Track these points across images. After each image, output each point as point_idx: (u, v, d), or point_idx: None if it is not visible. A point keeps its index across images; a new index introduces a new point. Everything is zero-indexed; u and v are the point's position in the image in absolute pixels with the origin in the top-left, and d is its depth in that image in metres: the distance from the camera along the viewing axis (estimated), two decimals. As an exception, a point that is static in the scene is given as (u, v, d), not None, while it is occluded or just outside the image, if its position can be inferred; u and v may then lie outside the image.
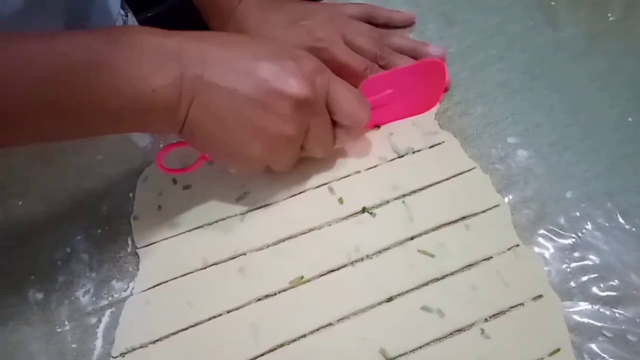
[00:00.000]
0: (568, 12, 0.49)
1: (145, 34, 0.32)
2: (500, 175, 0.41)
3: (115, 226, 0.40)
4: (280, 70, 0.33)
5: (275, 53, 0.34)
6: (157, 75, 0.31)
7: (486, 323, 0.34)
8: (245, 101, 0.33)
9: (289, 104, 0.33)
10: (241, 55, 0.33)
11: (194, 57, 0.32)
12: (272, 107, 0.33)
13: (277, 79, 0.33)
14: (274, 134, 0.34)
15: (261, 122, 0.33)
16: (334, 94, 0.36)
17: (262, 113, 0.33)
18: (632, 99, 0.44)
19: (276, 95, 0.33)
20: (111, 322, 0.36)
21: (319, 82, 0.35)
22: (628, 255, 0.37)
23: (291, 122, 0.34)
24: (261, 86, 0.33)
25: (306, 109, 0.34)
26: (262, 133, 0.34)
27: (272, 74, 0.33)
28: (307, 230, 0.38)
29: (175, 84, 0.31)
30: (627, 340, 0.34)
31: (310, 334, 0.35)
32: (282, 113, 0.33)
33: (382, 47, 0.45)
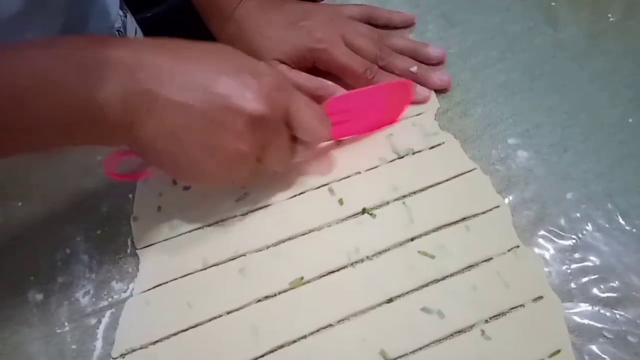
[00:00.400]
0: (568, 12, 0.49)
1: (97, 46, 0.30)
2: (500, 176, 0.41)
3: (115, 227, 0.40)
4: (237, 86, 0.32)
5: (234, 68, 0.33)
6: (105, 89, 0.30)
7: (486, 324, 0.34)
8: (199, 117, 0.31)
9: (245, 121, 0.32)
10: (198, 68, 0.32)
11: (147, 69, 0.31)
12: (227, 124, 0.32)
13: (233, 95, 0.32)
14: (229, 151, 0.33)
15: (216, 139, 0.32)
16: (294, 111, 0.35)
17: (217, 129, 0.32)
18: (633, 99, 0.44)
19: (232, 112, 0.32)
20: (111, 323, 0.36)
21: (279, 98, 0.34)
22: (628, 257, 0.37)
23: (247, 139, 0.33)
24: (216, 102, 0.31)
25: (263, 126, 0.33)
26: (216, 149, 0.33)
27: (229, 89, 0.32)
28: (307, 231, 0.38)
29: (124, 98, 0.30)
30: (628, 341, 0.34)
31: (311, 335, 0.35)
32: (238, 130, 0.32)
33: (382, 47, 0.44)
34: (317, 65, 0.44)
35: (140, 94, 0.30)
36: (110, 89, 0.30)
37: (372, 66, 0.43)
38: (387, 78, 0.44)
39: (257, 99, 0.32)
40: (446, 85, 0.45)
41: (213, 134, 0.32)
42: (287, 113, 0.35)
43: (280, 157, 0.36)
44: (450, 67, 0.46)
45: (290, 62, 0.43)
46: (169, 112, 0.31)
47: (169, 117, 0.31)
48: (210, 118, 0.32)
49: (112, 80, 0.30)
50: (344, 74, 0.44)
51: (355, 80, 0.44)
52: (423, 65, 0.45)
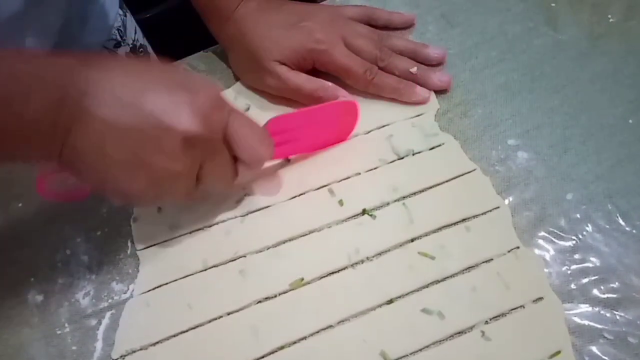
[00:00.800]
0: (568, 13, 0.49)
1: (30, 61, 0.30)
2: (500, 177, 0.41)
3: (115, 228, 0.40)
4: (171, 104, 0.31)
5: (169, 85, 0.32)
6: (35, 105, 0.29)
7: (487, 325, 0.34)
8: (129, 134, 0.30)
9: (178, 140, 0.31)
10: (131, 84, 0.31)
11: (77, 84, 0.29)
12: (159, 142, 0.31)
13: (165, 113, 0.30)
14: (160, 170, 0.32)
15: (146, 158, 0.31)
16: (232, 130, 0.34)
17: (148, 148, 0.31)
18: (633, 100, 0.44)
19: (163, 130, 0.30)
20: (111, 324, 0.36)
21: (216, 117, 0.33)
22: (629, 258, 0.37)
23: (180, 159, 0.32)
24: (148, 120, 0.30)
25: (198, 145, 0.32)
26: (146, 168, 0.31)
27: (161, 107, 0.30)
28: (307, 232, 0.38)
29: (54, 113, 0.29)
30: (628, 342, 0.34)
31: (311, 336, 0.35)
32: (170, 149, 0.31)
33: (381, 48, 0.44)
34: (316, 66, 0.44)
35: (67, 109, 0.29)
36: (40, 105, 0.29)
37: (372, 67, 0.43)
38: (387, 79, 0.44)
39: (190, 117, 0.31)
40: (446, 86, 0.45)
41: (143, 152, 0.31)
42: (225, 131, 0.34)
43: (221, 177, 0.35)
44: (450, 67, 0.46)
45: (289, 63, 0.43)
46: (97, 129, 0.30)
47: (97, 133, 0.30)
48: (141, 136, 0.30)
49: (42, 95, 0.29)
50: (344, 75, 0.44)
51: (355, 81, 0.43)
52: (423, 66, 0.45)
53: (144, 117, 0.30)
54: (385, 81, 0.44)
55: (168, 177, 0.32)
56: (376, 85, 0.43)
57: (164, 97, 0.31)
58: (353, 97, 0.43)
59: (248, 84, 0.46)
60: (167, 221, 0.39)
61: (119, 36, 0.54)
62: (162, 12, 0.77)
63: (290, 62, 0.43)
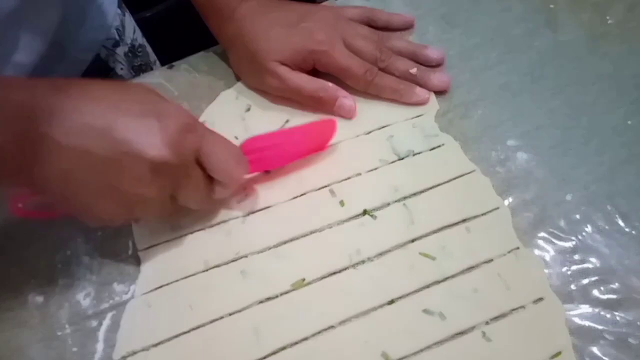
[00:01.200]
0: (568, 14, 0.49)
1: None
2: (500, 177, 0.41)
3: (115, 228, 0.39)
4: (140, 131, 0.30)
5: (137, 110, 0.31)
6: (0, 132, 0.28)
7: (487, 326, 0.35)
8: (97, 162, 0.30)
9: (147, 167, 0.31)
10: (97, 110, 0.30)
11: (44, 112, 0.29)
12: (129, 169, 0.31)
13: (135, 141, 0.30)
14: (131, 196, 0.32)
15: (116, 185, 0.31)
16: (206, 151, 0.34)
17: (118, 175, 0.31)
18: (633, 101, 0.44)
19: (133, 158, 0.30)
20: (112, 325, 0.36)
21: (186, 142, 0.32)
22: (629, 259, 0.37)
23: (150, 185, 0.31)
24: (116, 147, 0.30)
25: (169, 171, 0.32)
26: (117, 194, 0.31)
27: (130, 134, 0.30)
28: (308, 232, 0.38)
29: (19, 140, 0.29)
30: (628, 343, 0.34)
31: (312, 337, 0.35)
32: (140, 176, 0.31)
33: (382, 49, 0.44)
34: (317, 66, 0.44)
35: (35, 138, 0.29)
36: (4, 132, 0.29)
37: (372, 68, 0.43)
38: (387, 80, 0.44)
39: (159, 144, 0.31)
40: (446, 87, 0.45)
41: (113, 179, 0.31)
42: (198, 153, 0.34)
43: (196, 197, 0.36)
44: (451, 69, 0.46)
45: (290, 63, 0.43)
46: (64, 156, 0.30)
47: (64, 161, 0.30)
48: (110, 163, 0.30)
49: (6, 123, 0.29)
50: (344, 75, 0.44)
51: (355, 82, 0.44)
52: (422, 67, 0.45)
53: (113, 145, 0.30)
54: (385, 82, 0.44)
55: (139, 201, 0.32)
56: (376, 86, 0.44)
57: (134, 124, 0.31)
58: (353, 97, 0.43)
59: (248, 84, 0.46)
60: (168, 221, 0.39)
61: (117, 35, 0.54)
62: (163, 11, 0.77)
63: (291, 63, 0.43)
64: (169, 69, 0.48)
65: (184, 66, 0.48)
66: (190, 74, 0.47)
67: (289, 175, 0.41)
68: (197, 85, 0.46)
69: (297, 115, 0.44)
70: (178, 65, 0.48)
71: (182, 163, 0.33)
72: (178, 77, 0.47)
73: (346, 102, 0.43)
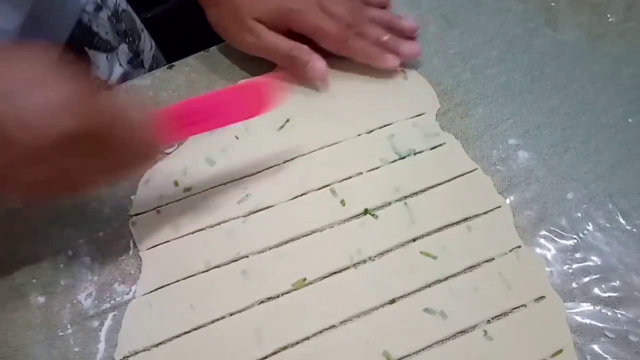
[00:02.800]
0: (568, 14, 0.49)
1: None
2: (501, 176, 0.41)
3: (117, 229, 0.40)
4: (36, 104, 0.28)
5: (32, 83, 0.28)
6: None
7: (489, 325, 0.35)
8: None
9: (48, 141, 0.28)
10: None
11: None
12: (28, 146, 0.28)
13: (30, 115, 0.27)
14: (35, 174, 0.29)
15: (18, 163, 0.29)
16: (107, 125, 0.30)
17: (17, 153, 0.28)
18: (633, 100, 0.44)
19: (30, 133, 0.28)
20: (114, 325, 0.36)
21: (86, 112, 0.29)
22: (629, 256, 0.37)
23: (51, 160, 0.29)
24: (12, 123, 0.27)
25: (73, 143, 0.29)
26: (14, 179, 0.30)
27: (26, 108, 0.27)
28: (309, 232, 0.39)
29: None
30: (630, 341, 0.34)
31: (314, 336, 0.35)
32: (40, 152, 0.28)
33: (355, 15, 0.45)
34: (291, 26, 0.44)
35: None
36: None
37: (346, 30, 0.44)
38: (360, 43, 0.44)
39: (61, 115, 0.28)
40: (415, 55, 0.45)
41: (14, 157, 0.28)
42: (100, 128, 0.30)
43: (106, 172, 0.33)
44: (451, 68, 0.46)
45: (267, 21, 0.44)
46: None
47: None
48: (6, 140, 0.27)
49: None
50: (318, 35, 0.44)
51: (329, 42, 0.44)
52: (394, 36, 0.45)
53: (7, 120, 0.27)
54: (358, 45, 0.44)
55: (42, 180, 0.30)
56: (349, 48, 0.44)
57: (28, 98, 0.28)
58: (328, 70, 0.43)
59: (227, 41, 0.47)
60: (169, 222, 0.39)
61: None
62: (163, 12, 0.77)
63: (268, 21, 0.44)
64: (169, 69, 0.48)
65: (184, 66, 0.48)
66: (190, 74, 0.47)
67: (289, 174, 0.41)
68: (197, 85, 0.46)
69: (298, 114, 0.44)
70: (178, 66, 0.48)
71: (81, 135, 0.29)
72: (178, 77, 0.47)
73: (318, 63, 0.43)
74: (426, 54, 0.47)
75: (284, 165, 0.41)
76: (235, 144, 0.43)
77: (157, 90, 0.46)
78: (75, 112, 0.29)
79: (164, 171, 0.42)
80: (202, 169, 0.41)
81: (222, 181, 0.41)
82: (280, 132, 0.43)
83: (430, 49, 0.47)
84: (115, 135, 0.31)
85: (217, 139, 0.43)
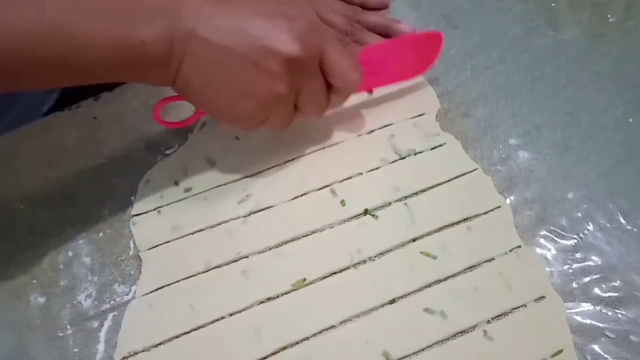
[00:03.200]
0: (568, 13, 0.49)
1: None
2: (501, 176, 0.41)
3: (117, 229, 0.40)
4: (272, 28, 0.33)
5: (270, 11, 0.34)
6: (148, 28, 0.31)
7: (489, 325, 0.35)
8: (236, 58, 0.33)
9: (280, 62, 0.33)
10: (235, 12, 0.33)
11: (188, 11, 0.32)
12: (263, 64, 0.33)
13: (268, 37, 0.33)
14: (264, 92, 0.34)
15: (251, 80, 0.33)
16: (327, 56, 0.36)
17: (253, 70, 0.33)
18: (633, 100, 0.44)
19: (267, 53, 0.33)
20: (113, 325, 0.36)
21: (313, 42, 0.35)
22: (630, 256, 0.37)
23: (282, 80, 0.34)
24: (252, 43, 0.33)
25: (298, 68, 0.34)
26: (252, 90, 0.34)
27: (264, 31, 0.33)
28: (309, 232, 0.38)
29: (167, 37, 0.31)
30: (630, 341, 0.34)
31: (313, 337, 0.35)
32: (273, 71, 0.33)
33: (353, 25, 0.46)
34: None
35: (181, 34, 0.32)
36: (152, 27, 0.31)
37: (343, 39, 0.45)
38: (357, 50, 0.44)
39: (290, 40, 0.33)
40: None
41: (248, 74, 0.33)
42: (321, 57, 0.35)
43: (316, 101, 0.37)
44: (452, 68, 0.46)
45: None
46: (205, 52, 0.32)
47: (205, 57, 0.32)
48: (246, 59, 0.33)
49: (154, 18, 0.31)
50: None
51: None
52: None
53: (248, 41, 0.33)
54: (355, 52, 0.44)
55: (271, 98, 0.34)
56: None
57: (265, 22, 0.33)
58: None
59: None
60: (169, 222, 0.39)
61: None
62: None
63: None
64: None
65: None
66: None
67: (289, 175, 0.41)
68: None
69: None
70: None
71: (309, 61, 0.35)
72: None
73: None
74: (426, 54, 0.47)
75: (284, 165, 0.42)
76: (235, 144, 0.43)
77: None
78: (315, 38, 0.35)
79: (164, 171, 0.42)
80: (203, 169, 0.41)
81: (222, 181, 0.41)
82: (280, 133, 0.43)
83: (430, 49, 0.47)
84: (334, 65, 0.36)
85: (217, 139, 0.43)
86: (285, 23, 0.33)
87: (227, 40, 0.32)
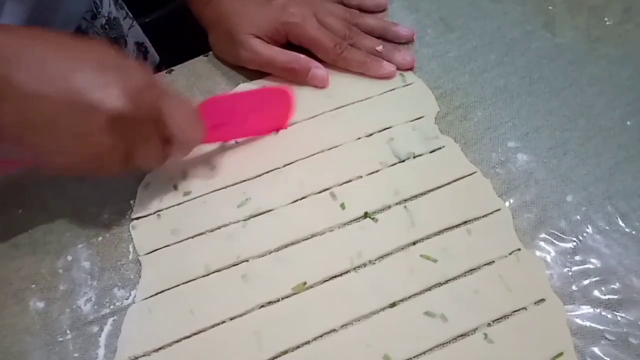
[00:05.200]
0: (566, 17, 0.49)
1: None
2: (500, 179, 0.41)
3: (116, 233, 0.39)
4: (99, 81, 0.31)
5: (98, 62, 0.32)
6: None
7: (489, 327, 0.35)
8: (54, 110, 0.30)
9: (104, 119, 0.31)
10: (61, 58, 0.31)
11: (7, 56, 0.30)
12: (85, 119, 0.31)
13: (93, 90, 0.31)
14: (88, 146, 0.32)
15: (74, 133, 0.31)
16: (165, 111, 0.34)
17: (76, 123, 0.31)
18: (631, 102, 0.44)
19: (89, 107, 0.31)
20: (113, 330, 0.36)
21: (146, 97, 0.33)
22: (629, 259, 0.37)
23: (106, 136, 0.32)
24: (75, 96, 0.30)
25: (125, 125, 0.32)
26: (75, 143, 0.32)
27: (89, 83, 0.31)
28: (309, 236, 0.38)
29: None
30: (630, 343, 0.34)
31: (314, 341, 0.35)
32: (97, 126, 0.31)
33: (351, 27, 0.46)
34: (289, 39, 0.45)
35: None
36: None
37: (342, 42, 0.45)
38: (355, 53, 0.45)
39: (118, 96, 0.31)
40: (409, 65, 0.46)
41: (71, 127, 0.31)
42: (157, 113, 0.34)
43: (150, 156, 0.36)
44: (450, 71, 0.47)
45: (264, 36, 0.45)
46: (22, 101, 0.30)
47: (23, 105, 0.30)
48: (65, 111, 0.31)
49: None
50: (315, 47, 0.45)
51: (325, 54, 0.45)
52: (388, 45, 0.47)
53: (72, 94, 0.30)
54: (354, 55, 0.45)
55: (95, 154, 0.33)
56: (344, 59, 0.45)
57: (93, 74, 0.31)
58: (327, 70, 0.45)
59: (227, 62, 0.47)
60: (169, 226, 0.39)
61: (95, 8, 0.53)
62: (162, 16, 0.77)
63: (265, 36, 0.45)
64: (168, 73, 0.48)
65: (184, 71, 0.48)
66: (190, 78, 0.47)
67: (289, 178, 0.41)
68: (197, 89, 0.46)
69: (297, 118, 0.44)
70: (177, 70, 0.48)
71: (141, 117, 0.33)
72: (177, 81, 0.47)
73: (318, 72, 0.45)
74: (425, 58, 0.47)
75: (284, 168, 0.42)
76: (235, 147, 0.43)
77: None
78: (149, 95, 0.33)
79: (163, 175, 0.42)
80: (202, 172, 0.41)
81: (221, 185, 0.41)
82: (280, 135, 0.43)
83: (428, 53, 0.48)
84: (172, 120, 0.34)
85: (216, 143, 0.43)
86: (115, 76, 0.32)
87: (47, 90, 0.30)
